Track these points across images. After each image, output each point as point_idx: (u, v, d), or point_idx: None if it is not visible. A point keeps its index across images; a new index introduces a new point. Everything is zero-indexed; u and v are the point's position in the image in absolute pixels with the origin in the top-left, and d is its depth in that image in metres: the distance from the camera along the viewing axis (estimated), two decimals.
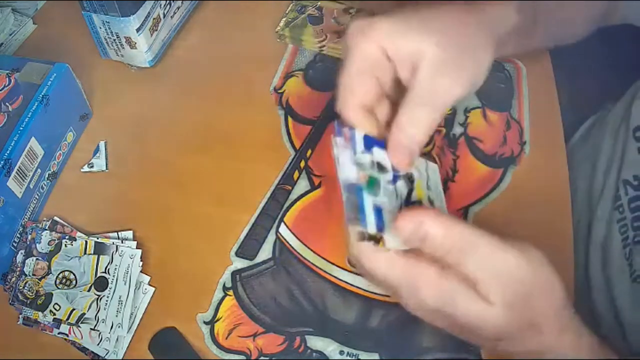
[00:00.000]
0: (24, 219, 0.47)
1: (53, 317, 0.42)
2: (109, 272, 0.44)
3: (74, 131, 0.52)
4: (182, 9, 0.60)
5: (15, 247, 0.46)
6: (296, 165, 0.51)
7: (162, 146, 0.53)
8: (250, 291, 0.44)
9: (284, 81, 0.56)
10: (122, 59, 0.57)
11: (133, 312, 0.43)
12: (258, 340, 0.43)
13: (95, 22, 0.53)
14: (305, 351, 0.42)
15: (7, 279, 0.44)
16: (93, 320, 0.42)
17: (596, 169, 0.52)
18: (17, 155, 0.44)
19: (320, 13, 0.60)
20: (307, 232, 0.47)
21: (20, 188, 0.45)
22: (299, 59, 0.58)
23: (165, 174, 0.51)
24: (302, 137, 0.52)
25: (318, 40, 0.58)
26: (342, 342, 0.42)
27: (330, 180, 0.50)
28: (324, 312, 0.44)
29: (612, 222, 0.47)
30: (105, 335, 0.42)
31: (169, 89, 0.57)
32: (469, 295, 0.31)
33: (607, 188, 0.49)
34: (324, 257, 0.46)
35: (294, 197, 0.49)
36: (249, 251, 0.46)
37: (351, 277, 0.45)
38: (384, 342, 0.42)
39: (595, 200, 0.51)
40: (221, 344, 0.42)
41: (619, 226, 0.46)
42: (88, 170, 0.51)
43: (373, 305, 0.44)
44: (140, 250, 0.45)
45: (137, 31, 0.53)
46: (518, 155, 0.51)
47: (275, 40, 0.59)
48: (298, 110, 0.54)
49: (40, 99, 0.46)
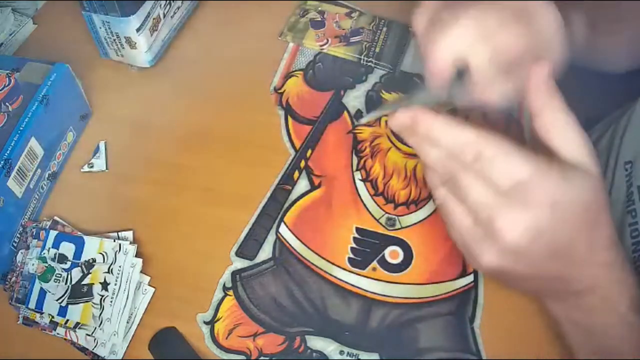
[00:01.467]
0: (24, 219, 0.47)
1: (50, 319, 0.42)
2: (112, 272, 0.44)
3: (74, 131, 0.52)
4: (182, 9, 0.60)
5: (15, 247, 0.46)
6: (296, 165, 0.51)
7: (162, 146, 0.53)
8: (250, 291, 0.44)
9: (284, 81, 0.57)
10: (122, 59, 0.57)
11: (131, 318, 0.43)
12: (258, 340, 0.43)
13: (95, 22, 0.53)
14: (305, 351, 0.42)
15: (7, 278, 0.44)
16: (90, 327, 0.42)
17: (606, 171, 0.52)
18: (17, 155, 0.44)
19: (322, 17, 0.61)
20: (307, 232, 0.47)
21: (20, 188, 0.45)
22: (299, 59, 0.58)
23: (165, 174, 0.51)
24: (302, 137, 0.52)
25: (319, 45, 0.58)
26: (342, 342, 0.42)
27: (330, 180, 0.50)
28: (324, 312, 0.44)
29: (623, 225, 0.47)
30: (100, 342, 0.42)
31: (169, 89, 0.57)
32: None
33: (616, 189, 0.49)
34: (324, 257, 0.46)
35: (294, 197, 0.49)
36: (249, 251, 0.46)
37: (351, 277, 0.45)
38: (384, 342, 0.42)
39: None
40: (221, 344, 0.42)
41: (631, 230, 0.46)
42: (88, 170, 0.51)
43: (373, 305, 0.44)
44: (137, 248, 0.45)
45: (137, 31, 0.53)
46: None
47: (276, 40, 0.59)
48: (298, 110, 0.54)
49: (40, 99, 0.46)
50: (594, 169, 0.32)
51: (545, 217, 0.31)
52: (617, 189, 0.49)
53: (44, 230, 0.45)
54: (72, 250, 0.44)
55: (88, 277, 0.43)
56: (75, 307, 0.42)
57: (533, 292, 0.40)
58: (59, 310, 0.42)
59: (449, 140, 0.32)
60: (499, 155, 0.31)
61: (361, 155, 0.51)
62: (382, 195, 0.49)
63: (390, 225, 0.47)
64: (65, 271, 0.43)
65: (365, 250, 0.46)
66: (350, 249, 0.46)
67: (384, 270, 0.45)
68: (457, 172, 0.32)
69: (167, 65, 0.59)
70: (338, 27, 0.60)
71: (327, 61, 0.58)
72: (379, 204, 0.48)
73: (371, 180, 0.50)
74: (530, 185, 0.30)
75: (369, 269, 0.45)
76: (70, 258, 0.44)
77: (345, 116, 0.54)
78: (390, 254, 0.46)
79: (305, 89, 0.56)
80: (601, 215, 0.33)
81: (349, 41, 0.58)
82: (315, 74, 0.57)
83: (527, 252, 0.32)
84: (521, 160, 0.31)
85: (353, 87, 0.56)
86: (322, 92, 0.56)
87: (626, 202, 0.47)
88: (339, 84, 0.56)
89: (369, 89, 0.56)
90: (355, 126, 0.53)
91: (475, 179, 0.32)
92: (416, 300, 0.44)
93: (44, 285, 0.43)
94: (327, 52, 0.58)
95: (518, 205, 0.31)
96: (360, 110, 0.54)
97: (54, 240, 0.45)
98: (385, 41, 0.58)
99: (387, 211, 0.48)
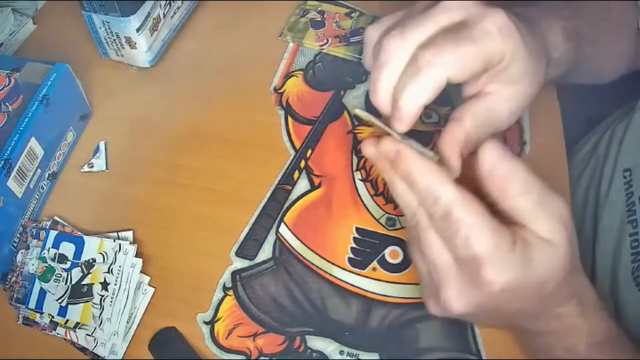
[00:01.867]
0: (24, 219, 0.47)
1: (50, 319, 0.42)
2: (112, 272, 0.44)
3: (74, 131, 0.52)
4: (182, 9, 0.60)
5: (15, 247, 0.46)
6: (296, 165, 0.51)
7: (162, 146, 0.53)
8: (250, 291, 0.44)
9: (284, 81, 0.57)
10: (122, 59, 0.57)
11: (131, 318, 0.43)
12: (258, 340, 0.43)
13: (95, 22, 0.53)
14: (305, 351, 0.42)
15: (7, 278, 0.44)
16: (90, 327, 0.42)
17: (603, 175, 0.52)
18: (17, 155, 0.44)
19: (322, 17, 0.61)
20: (307, 232, 0.47)
21: (20, 188, 0.45)
22: (299, 59, 0.58)
23: (165, 174, 0.51)
24: (302, 137, 0.52)
25: (319, 45, 0.58)
26: (342, 342, 0.42)
27: (330, 180, 0.50)
28: (324, 312, 0.44)
29: (622, 235, 0.47)
30: (100, 342, 0.42)
31: (169, 89, 0.57)
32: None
33: (613, 195, 0.49)
34: (324, 257, 0.46)
35: (294, 197, 0.49)
36: (249, 251, 0.46)
37: (351, 277, 0.45)
38: (384, 342, 0.42)
39: (600, 206, 0.50)
40: (221, 344, 0.42)
41: (631, 240, 0.46)
42: (88, 170, 0.51)
43: (373, 305, 0.44)
44: (137, 248, 0.45)
45: (137, 31, 0.53)
46: (518, 155, 0.51)
47: (276, 40, 0.59)
48: (298, 110, 0.54)
49: (40, 99, 0.46)
50: (563, 242, 0.31)
51: (492, 298, 0.31)
52: (614, 195, 0.49)
53: (44, 230, 0.45)
54: (72, 250, 0.44)
55: (88, 277, 0.43)
56: (75, 307, 0.42)
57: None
58: (59, 310, 0.42)
59: (424, 188, 0.31)
60: (465, 223, 0.30)
61: (361, 155, 0.51)
62: (382, 195, 0.49)
63: (391, 225, 0.47)
64: (65, 271, 0.43)
65: (365, 250, 0.46)
66: (350, 249, 0.46)
67: (384, 270, 0.45)
68: (422, 224, 0.32)
69: (167, 65, 0.59)
70: (338, 27, 0.60)
71: (327, 61, 0.58)
72: (379, 204, 0.48)
73: (371, 180, 0.50)
74: (485, 263, 0.30)
75: (369, 269, 0.45)
76: (70, 258, 0.44)
77: (345, 116, 0.54)
78: (390, 254, 0.46)
79: (305, 89, 0.56)
80: (559, 282, 0.32)
81: (349, 41, 0.58)
82: (315, 74, 0.57)
83: (472, 316, 0.32)
84: (485, 236, 0.30)
85: (353, 87, 0.56)
86: (322, 92, 0.56)
87: (626, 212, 0.47)
88: (339, 84, 0.56)
89: (369, 89, 0.56)
90: (355, 126, 0.53)
91: (437, 240, 0.31)
92: (416, 300, 0.44)
93: (44, 285, 0.43)
94: (327, 52, 0.58)
95: (468, 279, 0.31)
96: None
97: (54, 240, 0.45)
98: None
99: (387, 211, 0.48)
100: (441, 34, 0.33)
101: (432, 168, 0.31)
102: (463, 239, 0.30)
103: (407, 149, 0.32)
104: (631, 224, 0.46)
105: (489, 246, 0.30)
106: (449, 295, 0.31)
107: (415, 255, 0.34)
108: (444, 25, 0.33)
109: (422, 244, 0.32)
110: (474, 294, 0.31)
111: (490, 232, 0.30)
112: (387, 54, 0.33)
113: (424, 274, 0.34)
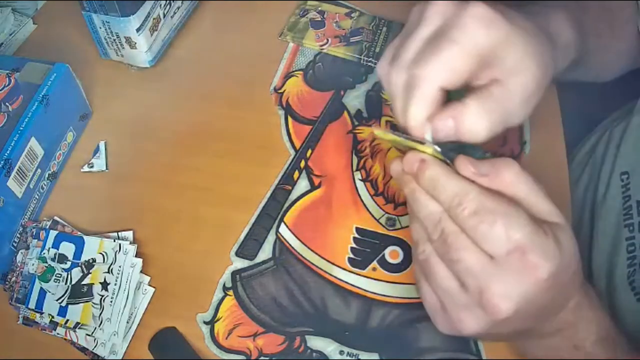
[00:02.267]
0: (24, 219, 0.47)
1: (50, 319, 0.42)
2: (112, 272, 0.44)
3: (74, 131, 0.52)
4: (182, 9, 0.60)
5: (15, 247, 0.46)
6: (296, 165, 0.51)
7: (162, 146, 0.53)
8: (250, 291, 0.44)
9: (284, 81, 0.57)
10: (122, 59, 0.57)
11: (131, 318, 0.43)
12: (258, 340, 0.43)
13: (95, 22, 0.53)
14: (305, 351, 0.42)
15: (7, 278, 0.44)
16: (90, 327, 0.42)
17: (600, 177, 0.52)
18: (17, 155, 0.44)
19: (322, 17, 0.61)
20: (307, 232, 0.47)
21: (20, 188, 0.45)
22: (299, 59, 0.58)
23: (165, 174, 0.51)
24: (302, 137, 0.52)
25: (319, 45, 0.58)
26: (342, 342, 0.42)
27: (330, 180, 0.50)
28: (324, 312, 0.44)
29: (618, 238, 0.47)
30: (100, 342, 0.42)
31: (169, 89, 0.57)
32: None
33: (611, 198, 0.49)
34: (324, 257, 0.46)
35: (294, 197, 0.49)
36: (249, 251, 0.46)
37: (351, 277, 0.45)
38: (383, 342, 0.42)
39: (597, 209, 0.50)
40: (221, 344, 0.42)
41: (627, 244, 0.46)
42: (88, 170, 0.51)
43: (373, 305, 0.44)
44: (137, 248, 0.45)
45: (137, 31, 0.53)
46: (518, 155, 0.51)
47: (276, 40, 0.59)
48: (298, 110, 0.54)
49: (40, 99, 0.46)
50: (567, 222, 0.32)
51: (539, 288, 0.30)
52: (611, 197, 0.49)
53: (44, 230, 0.45)
54: (72, 250, 0.44)
55: (88, 277, 0.43)
56: (75, 307, 0.42)
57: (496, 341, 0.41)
58: (59, 310, 0.42)
59: (452, 187, 0.31)
60: (499, 212, 0.30)
61: (361, 155, 0.51)
62: (382, 195, 0.49)
63: (390, 225, 0.47)
64: (65, 271, 0.43)
65: (365, 250, 0.46)
66: (350, 249, 0.46)
67: (384, 270, 0.45)
68: (451, 232, 0.31)
69: (167, 65, 0.59)
70: (338, 27, 0.60)
71: (327, 61, 0.58)
72: (379, 204, 0.48)
73: (371, 180, 0.50)
74: (529, 250, 0.29)
75: (369, 269, 0.45)
76: (70, 258, 0.44)
77: (345, 116, 0.54)
78: (390, 254, 0.46)
79: (305, 89, 0.56)
80: (578, 266, 0.32)
81: (349, 41, 0.58)
82: (315, 74, 0.57)
83: (512, 320, 0.31)
84: (522, 222, 0.29)
85: (353, 87, 0.56)
86: (322, 92, 0.56)
87: (623, 215, 0.47)
88: (339, 84, 0.56)
89: (369, 89, 0.56)
90: (355, 126, 0.53)
91: (469, 243, 0.30)
92: (416, 300, 0.44)
93: (44, 285, 0.43)
94: (327, 52, 0.58)
95: (512, 276, 0.30)
96: (360, 111, 0.54)
97: (54, 240, 0.45)
98: (385, 41, 0.58)
99: (387, 211, 0.48)
100: (427, 45, 0.33)
101: (453, 172, 0.32)
102: (501, 231, 0.29)
103: (430, 158, 0.32)
104: (627, 228, 0.46)
105: (528, 232, 0.29)
106: (496, 297, 0.30)
107: (436, 274, 0.32)
108: (426, 37, 0.33)
109: (454, 254, 0.31)
110: (522, 290, 0.30)
111: (526, 218, 0.30)
112: (388, 86, 0.34)
113: (449, 292, 0.32)
